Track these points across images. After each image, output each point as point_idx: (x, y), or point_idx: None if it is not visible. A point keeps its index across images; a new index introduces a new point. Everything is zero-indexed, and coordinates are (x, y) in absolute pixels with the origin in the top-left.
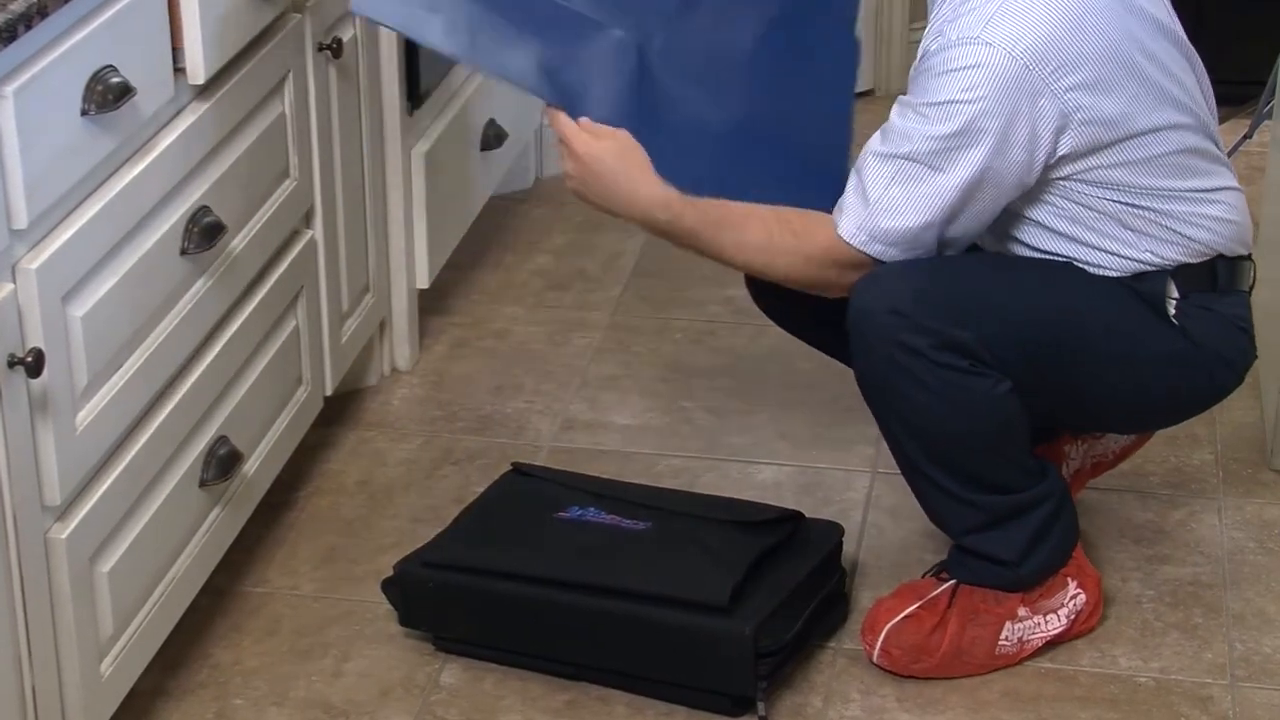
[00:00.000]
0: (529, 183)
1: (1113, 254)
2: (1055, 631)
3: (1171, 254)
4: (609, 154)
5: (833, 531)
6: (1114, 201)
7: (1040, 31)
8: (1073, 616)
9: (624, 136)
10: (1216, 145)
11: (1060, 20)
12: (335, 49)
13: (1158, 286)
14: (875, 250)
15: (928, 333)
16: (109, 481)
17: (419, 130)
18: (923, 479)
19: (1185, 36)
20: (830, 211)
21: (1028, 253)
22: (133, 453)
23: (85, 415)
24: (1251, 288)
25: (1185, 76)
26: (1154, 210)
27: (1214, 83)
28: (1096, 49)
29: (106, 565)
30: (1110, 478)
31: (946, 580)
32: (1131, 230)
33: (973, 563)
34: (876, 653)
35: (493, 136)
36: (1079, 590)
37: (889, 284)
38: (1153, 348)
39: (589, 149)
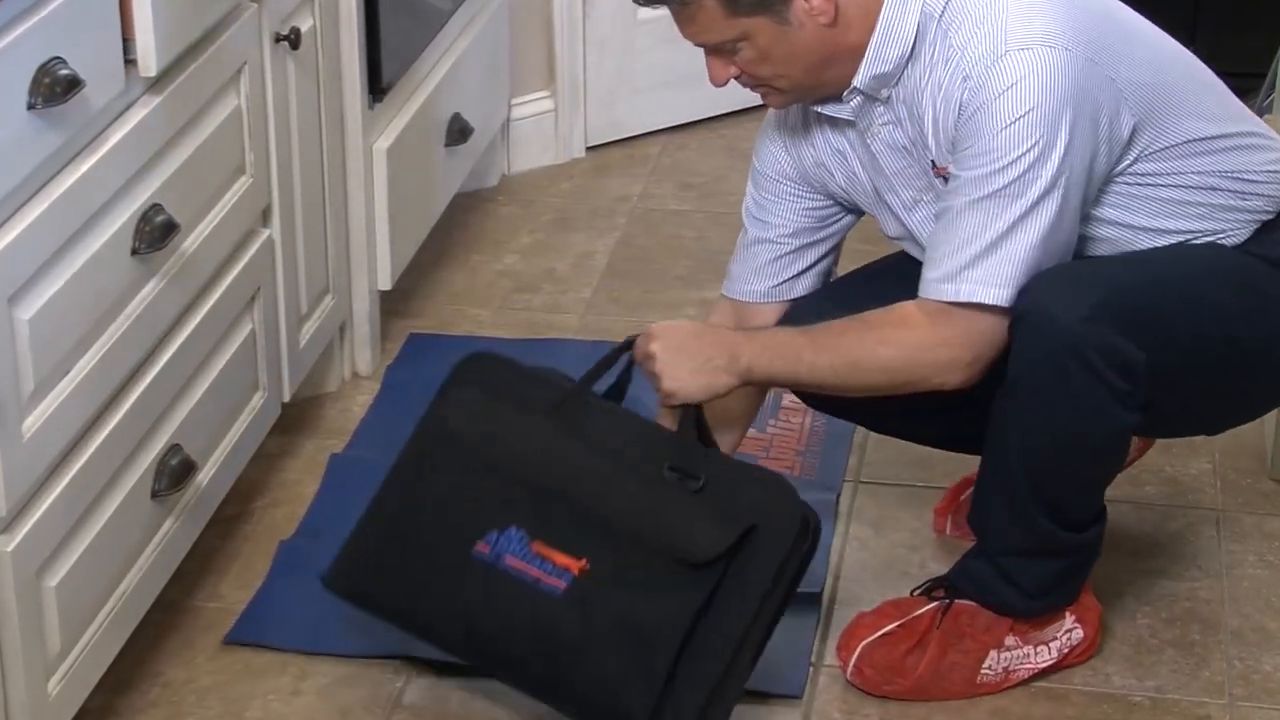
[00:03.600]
0: (496, 179)
1: (1226, 209)
2: (1045, 664)
3: (1268, 200)
4: (683, 328)
5: (784, 534)
6: (1201, 173)
7: (1059, 16)
8: (1065, 650)
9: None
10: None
11: (1063, 6)
12: (293, 40)
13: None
14: (993, 295)
15: (1107, 346)
16: (56, 492)
17: (381, 125)
18: (1002, 486)
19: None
20: None
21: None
22: (81, 462)
23: (32, 422)
24: None
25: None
26: (1232, 172)
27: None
28: (1095, 21)
29: (54, 579)
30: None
31: (938, 599)
32: (1225, 191)
33: (991, 580)
34: (850, 670)
35: (458, 131)
36: (1076, 625)
37: (1077, 285)
38: None
39: (668, 328)
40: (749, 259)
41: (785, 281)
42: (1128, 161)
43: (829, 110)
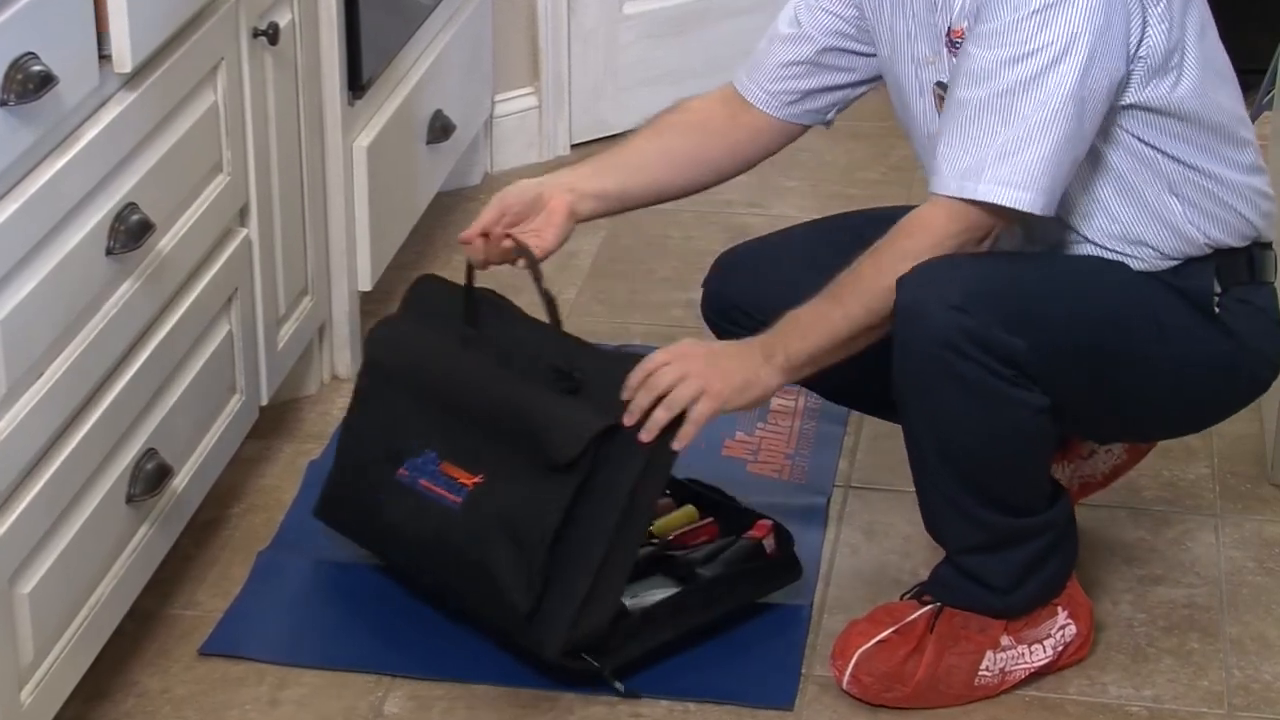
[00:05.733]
0: (478, 178)
1: (1166, 226)
2: (1040, 663)
3: (1216, 234)
4: (695, 344)
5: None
6: (1170, 158)
7: None
8: (1060, 648)
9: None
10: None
11: None
12: (271, 35)
13: (1202, 282)
14: (1013, 198)
15: (982, 335)
16: (29, 497)
17: (361, 122)
18: (934, 487)
19: None
20: None
21: (1081, 243)
22: (55, 466)
23: (4, 426)
24: (1276, 279)
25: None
26: (1205, 174)
27: None
28: None
29: (27, 586)
30: (1101, 493)
31: (927, 603)
32: (1180, 199)
33: (959, 583)
34: (846, 679)
35: (440, 128)
36: (1069, 621)
37: (945, 278)
38: (1199, 351)
39: (678, 347)
40: (767, 54)
41: (786, 93)
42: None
43: None
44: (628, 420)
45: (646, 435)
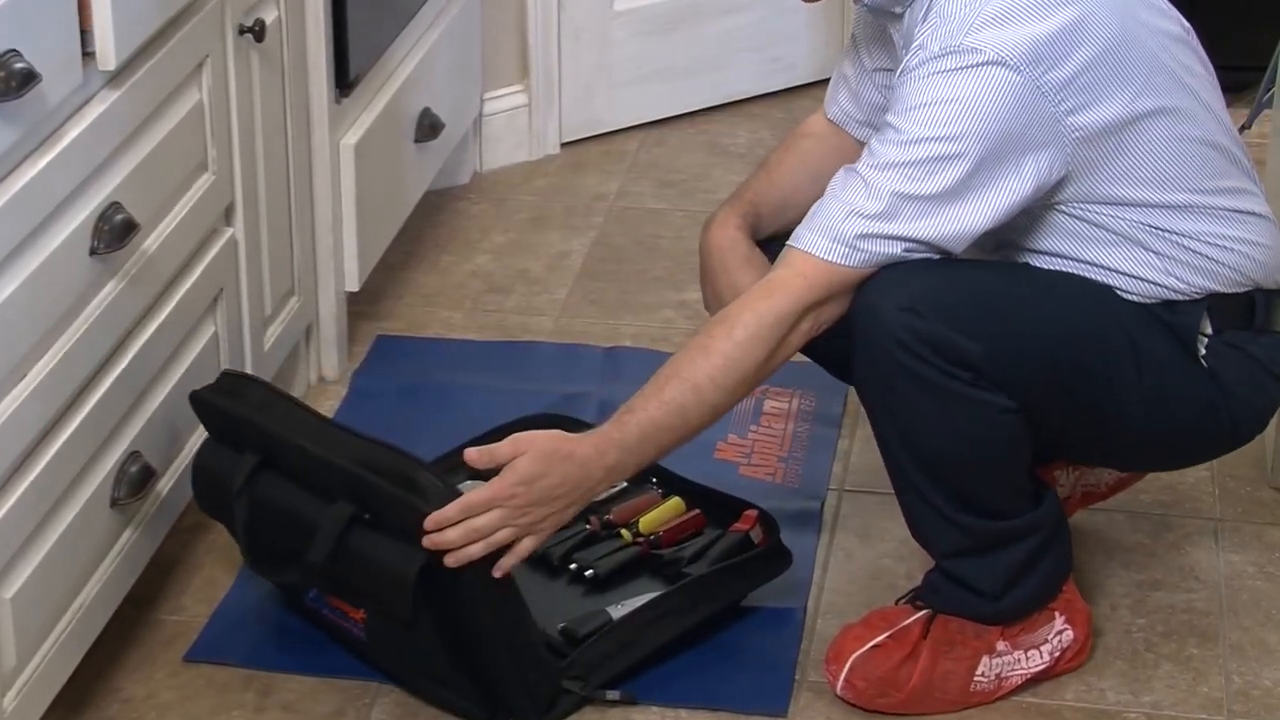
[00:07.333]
0: (467, 177)
1: (1136, 278)
2: (1037, 669)
3: (1201, 280)
4: (531, 466)
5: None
6: (1129, 221)
7: (1033, 31)
8: (1057, 654)
9: (524, 442)
10: (1242, 163)
11: (1056, 21)
12: (257, 32)
13: (1191, 319)
14: (857, 259)
15: (932, 336)
16: (12, 501)
17: (348, 120)
18: (911, 491)
19: (1200, 46)
20: None
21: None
22: (37, 470)
23: None
24: None
25: (1198, 80)
26: (1172, 231)
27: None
28: (1098, 48)
29: (9, 591)
30: None
31: (921, 608)
32: (1152, 252)
33: (949, 590)
34: (840, 684)
35: (428, 127)
36: (1066, 626)
37: (903, 279)
38: (1175, 386)
39: (513, 483)
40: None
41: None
42: (1062, 195)
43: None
44: (442, 553)
45: (453, 562)
